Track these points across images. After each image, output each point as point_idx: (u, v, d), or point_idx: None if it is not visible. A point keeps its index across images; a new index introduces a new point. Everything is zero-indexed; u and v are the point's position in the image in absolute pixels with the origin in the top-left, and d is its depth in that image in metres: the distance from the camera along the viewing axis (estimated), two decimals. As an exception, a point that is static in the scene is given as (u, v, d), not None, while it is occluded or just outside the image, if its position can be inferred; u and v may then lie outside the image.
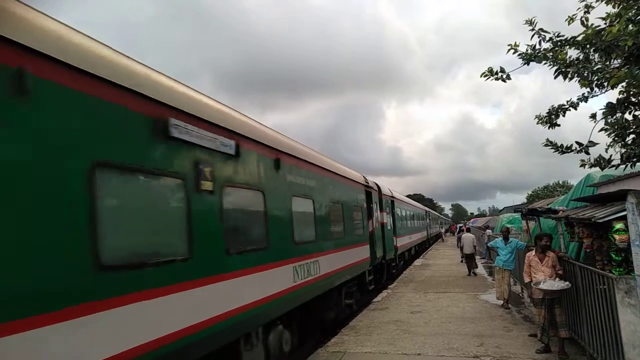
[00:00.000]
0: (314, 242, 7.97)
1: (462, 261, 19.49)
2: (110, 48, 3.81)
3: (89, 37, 3.59)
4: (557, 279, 6.57)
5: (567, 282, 6.41)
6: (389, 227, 16.43)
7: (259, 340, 5.94)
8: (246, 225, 5.82)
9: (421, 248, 31.81)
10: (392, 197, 18.26)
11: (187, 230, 4.29)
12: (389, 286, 14.58)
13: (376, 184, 15.40)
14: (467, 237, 17.96)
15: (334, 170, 9.98)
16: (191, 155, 4.49)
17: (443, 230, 47.96)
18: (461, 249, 19.16)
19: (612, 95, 6.39)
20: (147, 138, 3.94)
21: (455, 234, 36.60)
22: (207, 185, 4.71)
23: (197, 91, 5.09)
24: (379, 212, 14.73)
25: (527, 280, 7.02)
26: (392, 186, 20.80)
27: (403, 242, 20.25)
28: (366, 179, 13.70)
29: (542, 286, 6.48)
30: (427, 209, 39.39)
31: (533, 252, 6.99)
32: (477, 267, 17.63)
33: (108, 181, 3.47)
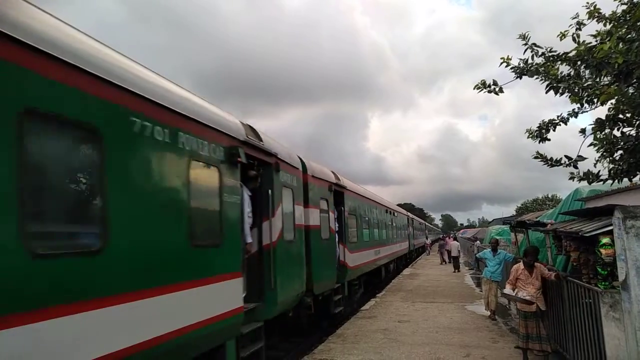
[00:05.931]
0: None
1: (447, 262, 26.50)
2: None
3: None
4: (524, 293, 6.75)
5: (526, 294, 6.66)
6: None
7: None
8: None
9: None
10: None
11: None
12: (378, 295, 14.58)
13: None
14: (454, 244, 24.97)
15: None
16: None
17: (429, 242, 47.30)
18: (449, 252, 25.95)
19: (600, 111, 6.50)
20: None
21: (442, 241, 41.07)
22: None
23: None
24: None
25: (508, 288, 6.94)
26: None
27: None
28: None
29: (506, 291, 6.93)
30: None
31: (521, 266, 6.95)
32: (459, 267, 23.32)
33: None
